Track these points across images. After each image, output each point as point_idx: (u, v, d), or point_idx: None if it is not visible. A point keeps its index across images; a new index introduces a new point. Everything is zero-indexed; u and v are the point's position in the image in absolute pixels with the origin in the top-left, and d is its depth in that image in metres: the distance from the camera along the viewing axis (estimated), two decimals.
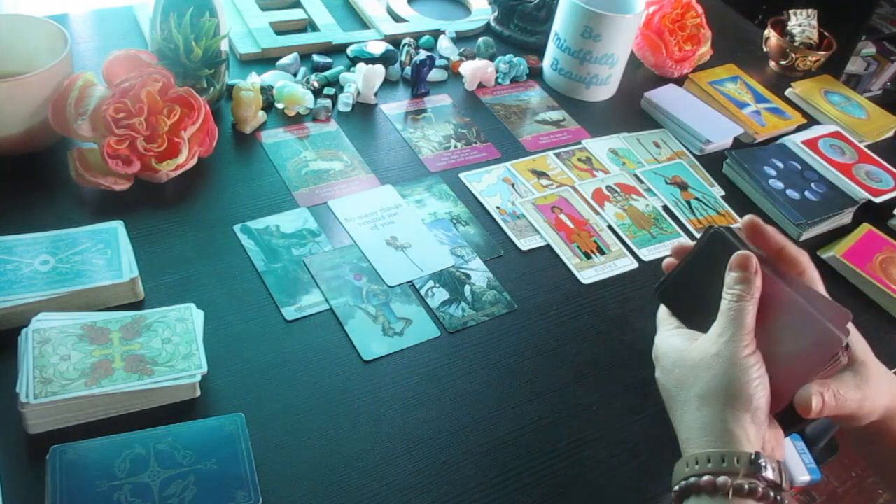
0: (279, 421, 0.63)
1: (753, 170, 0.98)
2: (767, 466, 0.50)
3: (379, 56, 1.02)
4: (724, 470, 0.51)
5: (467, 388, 0.69)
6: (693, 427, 0.54)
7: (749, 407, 0.52)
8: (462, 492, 0.61)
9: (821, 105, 1.16)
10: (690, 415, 0.54)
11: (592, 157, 0.99)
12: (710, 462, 0.51)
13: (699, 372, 0.54)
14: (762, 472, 0.50)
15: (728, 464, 0.50)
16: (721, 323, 0.55)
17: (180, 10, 0.84)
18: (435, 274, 0.78)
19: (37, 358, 0.59)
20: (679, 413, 0.56)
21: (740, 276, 0.55)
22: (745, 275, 0.55)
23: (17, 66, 0.82)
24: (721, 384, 0.53)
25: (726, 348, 0.54)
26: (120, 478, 0.55)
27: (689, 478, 0.52)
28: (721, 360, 0.53)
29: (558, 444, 0.66)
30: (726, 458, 0.51)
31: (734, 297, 0.55)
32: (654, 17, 1.13)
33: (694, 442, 0.54)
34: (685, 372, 0.56)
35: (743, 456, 0.50)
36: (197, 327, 0.65)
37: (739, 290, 0.55)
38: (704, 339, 0.56)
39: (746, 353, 0.53)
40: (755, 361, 0.53)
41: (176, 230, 0.77)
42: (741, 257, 0.56)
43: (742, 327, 0.54)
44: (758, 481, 0.50)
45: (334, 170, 0.89)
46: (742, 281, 0.55)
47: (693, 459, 0.52)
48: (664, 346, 0.59)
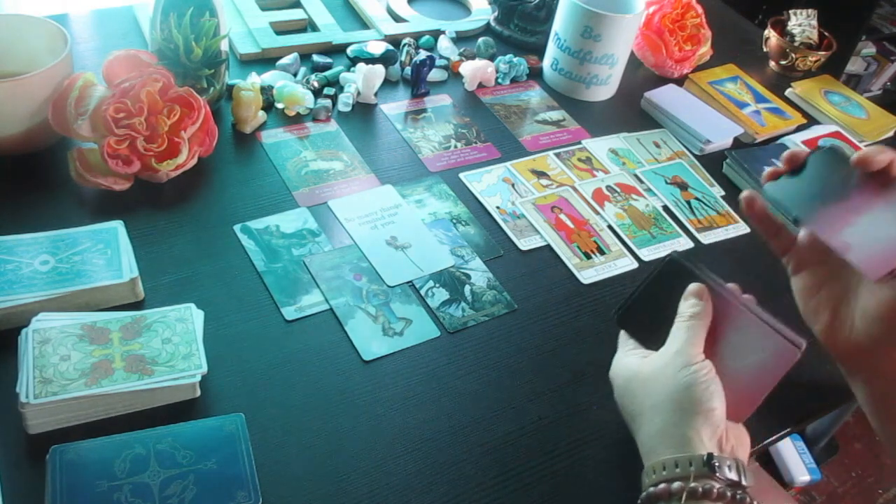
0: (279, 421, 0.63)
1: (753, 170, 0.98)
2: (723, 466, 0.51)
3: (379, 56, 1.02)
4: (677, 475, 0.52)
5: (467, 388, 0.69)
6: (650, 437, 0.56)
7: (700, 409, 0.54)
8: (462, 492, 0.61)
9: (821, 105, 1.16)
10: (646, 426, 0.57)
11: (592, 157, 0.99)
12: (665, 469, 0.53)
13: (650, 384, 0.57)
14: (718, 472, 0.51)
15: (682, 468, 0.52)
16: (671, 339, 0.58)
17: (180, 10, 0.84)
18: (435, 274, 0.78)
19: (37, 358, 0.59)
20: (636, 426, 0.58)
21: (694, 302, 0.59)
22: (697, 301, 0.59)
23: (17, 66, 0.82)
24: (671, 392, 0.55)
25: (675, 359, 0.56)
26: (120, 478, 0.55)
27: (647, 488, 0.53)
28: (670, 369, 0.56)
29: (558, 444, 0.66)
30: (679, 462, 0.52)
31: (685, 318, 0.59)
32: (654, 17, 1.13)
33: (652, 452, 0.55)
34: (637, 385, 0.58)
35: (696, 458, 0.52)
36: (197, 327, 0.65)
37: (691, 313, 0.59)
38: (656, 354, 0.59)
39: (695, 361, 0.56)
40: (703, 366, 0.56)
41: (176, 230, 0.77)
42: (696, 288, 0.60)
43: (690, 340, 0.57)
44: (713, 482, 0.51)
45: (334, 170, 0.89)
46: (695, 306, 0.59)
47: (651, 469, 0.54)
48: (619, 366, 0.62)
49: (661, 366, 0.57)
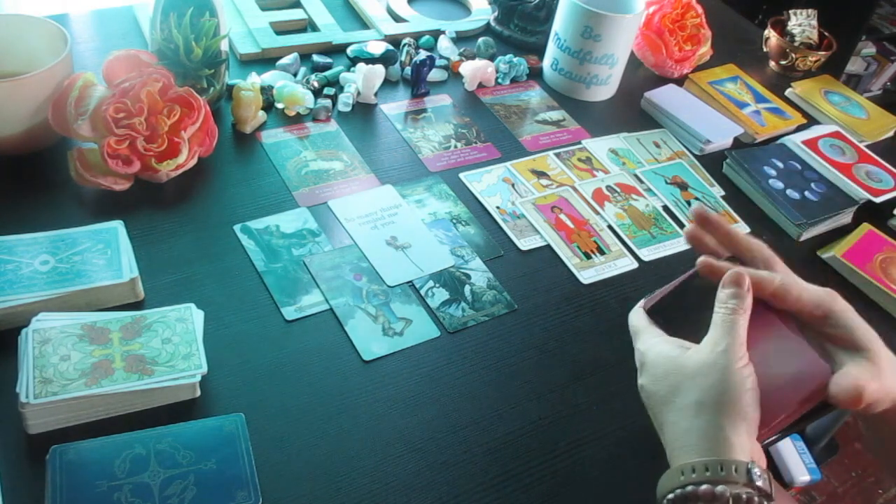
0: (279, 421, 0.63)
1: (753, 170, 0.98)
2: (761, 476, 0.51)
3: (379, 56, 1.02)
4: (722, 479, 0.51)
5: (467, 388, 0.69)
6: (688, 433, 0.54)
7: (746, 416, 0.53)
8: (462, 492, 0.61)
9: (821, 105, 1.16)
10: (686, 421, 0.55)
11: (592, 157, 0.99)
12: (708, 470, 0.51)
13: (697, 379, 0.55)
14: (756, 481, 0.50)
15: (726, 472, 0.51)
16: (715, 334, 0.56)
17: (180, 10, 0.84)
18: (435, 274, 0.78)
19: (37, 358, 0.59)
20: (672, 419, 0.56)
21: (734, 291, 0.57)
22: (739, 290, 0.57)
23: (17, 66, 0.82)
24: (719, 392, 0.54)
25: (722, 358, 0.54)
26: (120, 478, 0.55)
27: (685, 486, 0.52)
28: (718, 369, 0.54)
29: (558, 444, 0.66)
30: (724, 466, 0.51)
31: (728, 310, 0.56)
32: (654, 17, 1.13)
33: (688, 449, 0.54)
34: (680, 379, 0.56)
35: (741, 465, 0.51)
36: (197, 327, 0.65)
37: (733, 304, 0.56)
38: (699, 348, 0.57)
39: (741, 365, 0.54)
40: (749, 373, 0.54)
41: (176, 230, 0.77)
42: (735, 274, 0.57)
43: (736, 338, 0.55)
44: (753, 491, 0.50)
45: (334, 170, 0.89)
46: (735, 296, 0.56)
47: (689, 468, 0.52)
48: (653, 353, 0.60)
49: (708, 362, 0.55)
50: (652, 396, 0.58)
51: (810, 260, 0.91)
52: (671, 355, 0.58)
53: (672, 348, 0.58)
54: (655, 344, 0.60)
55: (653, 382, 0.58)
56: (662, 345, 0.59)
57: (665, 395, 0.57)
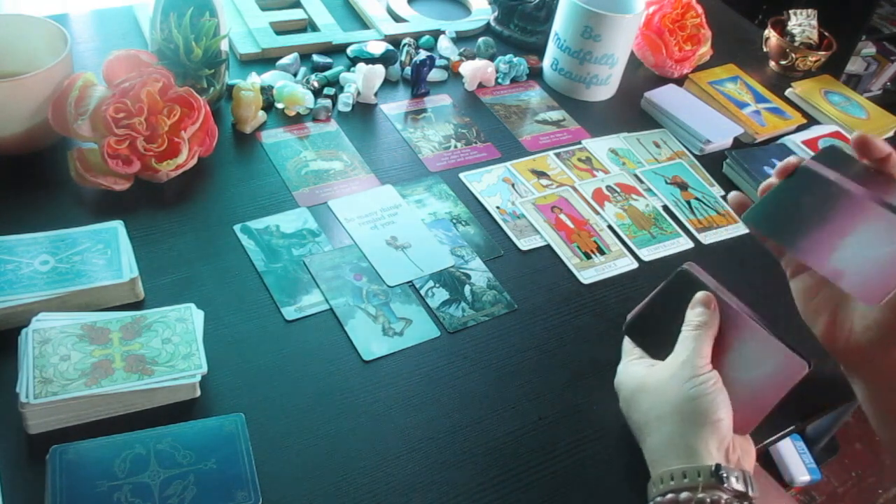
0: (279, 421, 0.63)
1: (753, 170, 0.98)
2: (731, 477, 0.51)
3: (379, 56, 1.02)
4: (685, 485, 0.52)
5: (467, 388, 0.69)
6: (657, 447, 0.56)
7: (707, 420, 0.54)
8: (462, 492, 0.61)
9: (821, 105, 1.16)
10: (652, 437, 0.57)
11: (592, 157, 0.99)
12: (673, 479, 0.53)
13: (657, 394, 0.57)
14: (725, 483, 0.51)
15: (690, 478, 0.52)
16: (678, 348, 0.58)
17: (180, 10, 0.84)
18: (435, 274, 0.78)
19: (37, 358, 0.59)
20: (642, 437, 0.58)
21: (701, 310, 0.59)
22: (706, 310, 0.59)
23: (17, 66, 0.82)
24: (677, 402, 0.55)
25: (682, 369, 0.56)
26: (120, 478, 0.55)
27: (654, 497, 0.53)
28: (677, 380, 0.56)
29: (558, 444, 0.66)
30: (688, 473, 0.52)
31: (692, 327, 0.59)
32: (654, 17, 1.13)
33: (659, 461, 0.55)
34: (644, 396, 0.58)
35: (703, 469, 0.52)
36: (197, 327, 0.65)
37: (698, 321, 0.59)
38: (662, 364, 0.59)
39: (701, 372, 0.56)
40: (710, 377, 0.56)
41: (176, 230, 0.77)
42: (702, 297, 0.60)
43: (697, 350, 0.57)
44: (721, 493, 0.51)
45: (334, 170, 0.89)
46: (702, 315, 0.59)
47: (658, 479, 0.54)
48: (624, 376, 0.62)
49: (667, 376, 0.57)
50: (628, 418, 0.62)
51: None
52: (638, 375, 0.60)
53: (640, 368, 0.61)
54: (626, 367, 0.63)
55: (625, 404, 0.61)
56: (632, 365, 0.62)
57: (634, 414, 0.60)
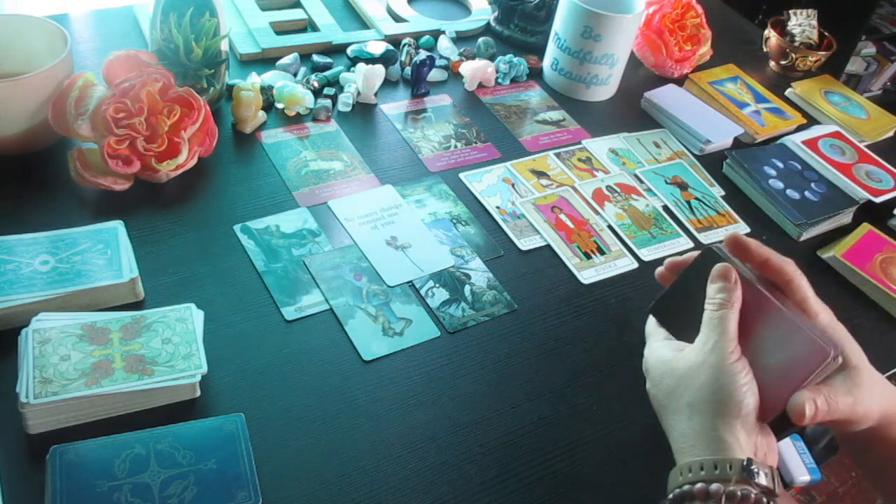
0: (279, 421, 0.63)
1: (753, 170, 0.98)
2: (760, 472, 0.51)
3: (379, 56, 1.02)
4: (716, 477, 0.51)
5: (467, 388, 0.69)
6: (685, 436, 0.55)
7: (739, 413, 0.53)
8: (462, 492, 0.61)
9: (821, 105, 1.16)
10: (682, 424, 0.55)
11: (592, 157, 0.99)
12: (703, 469, 0.52)
13: (687, 381, 0.56)
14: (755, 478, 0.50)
15: (720, 470, 0.51)
16: (705, 332, 0.56)
17: (180, 10, 0.84)
18: (435, 274, 0.78)
19: (37, 358, 0.59)
20: (670, 423, 0.57)
21: (720, 286, 0.57)
22: (725, 284, 0.57)
23: (17, 66, 0.82)
24: (709, 391, 0.54)
25: (711, 356, 0.55)
26: (120, 478, 0.55)
27: (682, 486, 0.52)
28: (707, 368, 0.54)
29: (558, 444, 0.66)
30: (719, 465, 0.51)
31: (715, 306, 0.56)
32: (654, 17, 1.13)
33: (687, 450, 0.54)
34: (673, 382, 0.57)
35: (735, 462, 0.51)
36: (197, 327, 0.65)
37: (720, 299, 0.56)
38: (690, 348, 0.57)
39: (732, 360, 0.54)
40: (741, 367, 0.54)
41: (176, 230, 0.77)
42: (721, 269, 0.58)
43: (725, 334, 0.55)
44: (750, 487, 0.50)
45: (334, 170, 0.89)
46: (723, 290, 0.57)
47: (686, 467, 0.53)
48: (653, 359, 0.60)
49: (698, 363, 0.55)
50: (654, 400, 0.59)
51: (810, 260, 0.91)
52: (666, 359, 0.58)
53: (668, 351, 0.59)
54: (656, 349, 0.61)
55: (653, 387, 0.59)
56: (660, 349, 0.60)
57: (663, 398, 0.58)
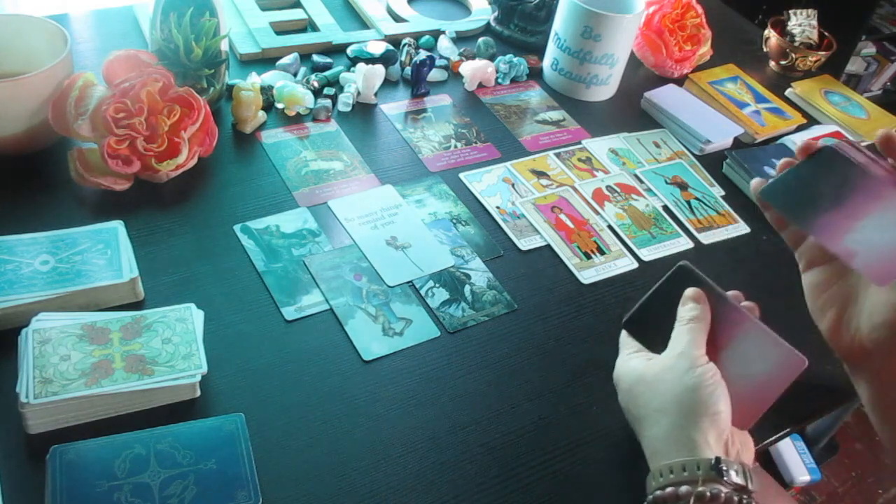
0: (279, 421, 0.63)
1: (753, 170, 0.98)
2: (730, 470, 0.51)
3: (379, 56, 1.02)
4: (685, 479, 0.51)
5: (467, 388, 0.69)
6: (656, 440, 0.56)
7: (706, 412, 0.54)
8: (462, 492, 0.61)
9: (821, 105, 1.16)
10: (651, 429, 0.56)
11: (592, 157, 0.99)
12: (673, 472, 0.52)
13: (655, 386, 0.57)
14: (725, 476, 0.50)
15: (689, 472, 0.51)
16: (673, 342, 0.58)
17: (180, 10, 0.84)
18: (435, 274, 0.78)
19: (37, 358, 0.59)
20: (640, 430, 0.58)
21: (692, 306, 0.60)
22: (696, 305, 0.60)
23: (17, 66, 0.82)
24: (676, 394, 0.55)
25: (679, 361, 0.56)
26: (120, 478, 0.55)
27: (654, 491, 0.53)
28: (674, 372, 0.56)
29: (558, 444, 0.66)
30: (687, 466, 0.52)
31: (685, 321, 0.59)
32: (654, 17, 1.13)
33: (659, 454, 0.55)
34: (642, 389, 0.58)
35: (703, 462, 0.51)
36: (197, 327, 0.65)
37: (691, 316, 0.59)
38: (659, 357, 0.59)
39: (699, 363, 0.56)
40: (708, 369, 0.56)
41: (176, 230, 0.77)
42: (692, 293, 0.60)
43: (692, 342, 0.57)
44: (721, 486, 0.50)
45: (334, 170, 0.89)
46: (693, 310, 0.59)
47: (658, 472, 0.54)
48: (622, 370, 0.62)
49: (666, 368, 0.57)
50: (626, 412, 0.61)
51: None
52: (636, 368, 0.60)
53: (637, 362, 0.61)
54: (625, 361, 0.62)
55: (623, 397, 0.61)
56: (631, 360, 0.62)
57: (633, 407, 0.59)
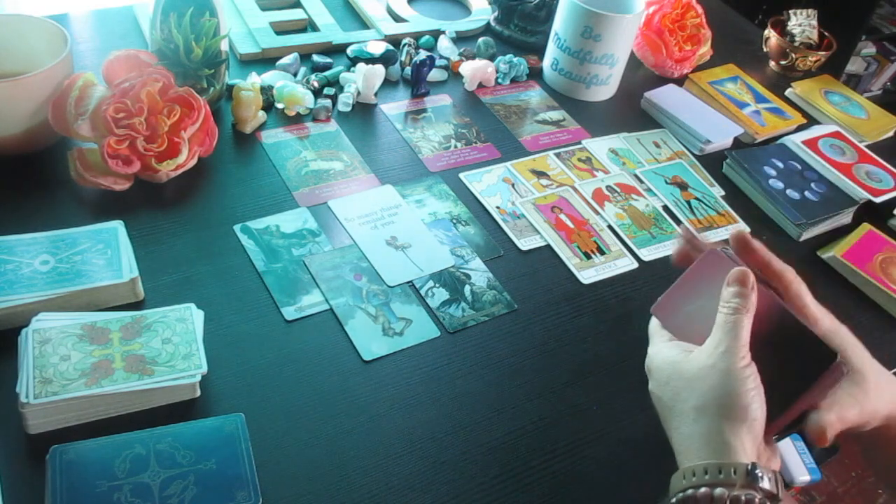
0: (279, 421, 0.63)
1: (753, 170, 0.98)
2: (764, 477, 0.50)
3: (379, 56, 1.02)
4: (720, 481, 0.51)
5: (467, 388, 0.69)
6: (690, 438, 0.54)
7: (746, 418, 0.52)
8: (462, 492, 0.61)
9: (821, 105, 1.16)
10: (687, 426, 0.55)
11: (592, 157, 0.99)
12: (707, 474, 0.51)
13: (695, 383, 0.55)
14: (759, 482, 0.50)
15: (725, 475, 0.51)
16: (717, 335, 0.55)
17: (180, 10, 0.84)
18: (435, 274, 0.78)
19: (37, 358, 0.59)
20: (675, 425, 0.56)
21: (738, 290, 0.56)
22: (743, 290, 0.56)
23: (17, 66, 0.82)
24: (717, 395, 0.53)
25: (722, 360, 0.54)
26: (120, 478, 0.55)
27: (685, 490, 0.52)
28: (717, 372, 0.54)
29: (558, 444, 0.66)
30: (723, 469, 0.51)
31: (730, 310, 0.55)
32: (654, 17, 1.13)
33: (691, 453, 0.54)
34: (681, 384, 0.56)
35: (740, 467, 0.51)
36: (197, 327, 0.65)
37: (736, 303, 0.55)
38: (700, 350, 0.56)
39: (742, 365, 0.53)
40: (751, 373, 0.53)
41: (176, 230, 0.77)
42: (739, 272, 0.56)
43: (738, 339, 0.54)
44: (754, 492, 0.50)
45: (334, 170, 0.89)
46: (739, 295, 0.56)
47: (690, 471, 0.52)
48: (658, 359, 0.59)
49: (708, 365, 0.55)
50: (658, 402, 0.58)
51: (810, 260, 0.91)
52: (673, 360, 0.58)
53: (675, 353, 0.58)
54: (661, 349, 0.60)
55: (658, 388, 0.58)
56: (666, 350, 0.59)
57: (668, 400, 0.57)
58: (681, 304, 0.61)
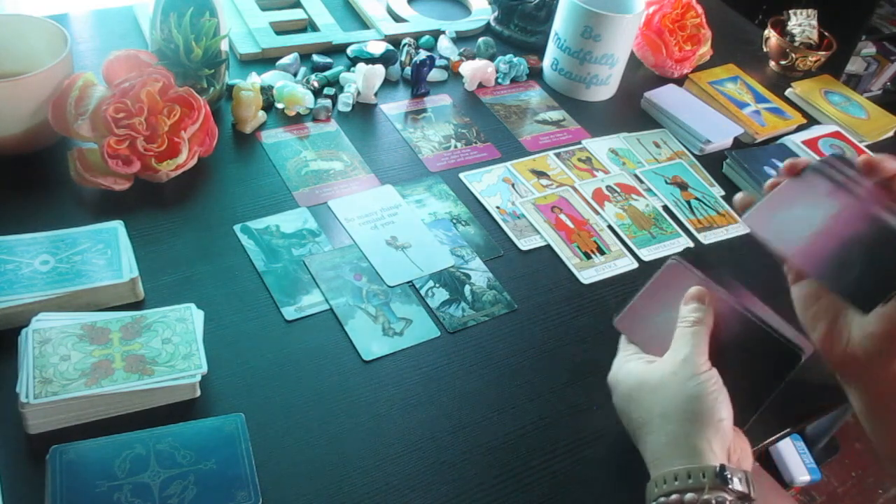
0: (279, 421, 0.63)
1: (753, 170, 0.98)
2: (734, 478, 0.51)
3: (379, 56, 1.02)
4: (690, 486, 0.51)
5: (467, 388, 0.69)
6: (659, 446, 0.55)
7: (711, 420, 0.53)
8: (462, 492, 0.61)
9: (821, 105, 1.16)
10: (654, 435, 0.56)
11: (592, 157, 0.99)
12: (677, 479, 0.52)
13: (659, 391, 0.56)
14: (729, 483, 0.51)
15: (694, 479, 0.51)
16: (676, 346, 0.58)
17: (180, 10, 0.84)
18: (435, 274, 0.78)
19: (37, 358, 0.59)
20: (641, 435, 0.57)
21: (695, 306, 0.59)
22: (699, 306, 0.59)
23: (17, 66, 0.82)
24: (681, 401, 0.55)
25: (682, 367, 0.56)
26: (120, 478, 0.55)
27: (657, 498, 0.53)
28: (678, 378, 0.55)
29: (558, 444, 0.66)
30: (692, 473, 0.52)
31: (689, 323, 0.58)
32: (654, 17, 1.13)
33: (661, 461, 0.55)
34: (644, 394, 0.58)
35: (708, 470, 0.51)
36: (197, 327, 0.65)
37: (694, 317, 0.58)
38: (661, 361, 0.58)
39: (702, 370, 0.55)
40: (711, 376, 0.55)
41: (176, 230, 0.77)
42: (695, 292, 0.60)
43: (696, 347, 0.56)
44: (725, 494, 0.50)
45: (334, 170, 0.89)
46: (696, 311, 0.59)
47: (661, 479, 0.53)
48: (621, 373, 0.61)
49: (669, 373, 0.56)
50: (623, 415, 0.60)
51: None
52: (636, 372, 0.59)
53: (637, 365, 0.60)
54: (622, 363, 0.62)
55: (622, 401, 0.60)
56: (629, 363, 0.61)
57: (633, 411, 0.59)
58: (644, 316, 0.63)
